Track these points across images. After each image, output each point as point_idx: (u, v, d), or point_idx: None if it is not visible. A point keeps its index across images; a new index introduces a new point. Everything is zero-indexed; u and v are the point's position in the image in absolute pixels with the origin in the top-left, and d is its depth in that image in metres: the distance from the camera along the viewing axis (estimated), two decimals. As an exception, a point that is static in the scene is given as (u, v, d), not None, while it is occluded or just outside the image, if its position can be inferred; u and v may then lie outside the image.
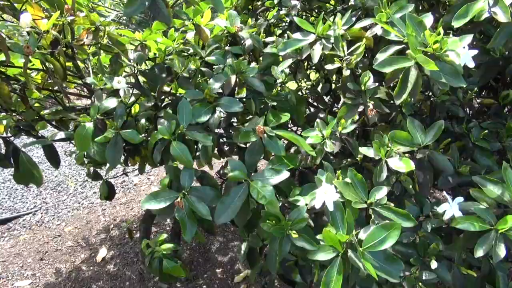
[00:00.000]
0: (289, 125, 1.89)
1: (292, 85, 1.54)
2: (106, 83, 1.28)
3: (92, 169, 1.82)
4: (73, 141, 1.39)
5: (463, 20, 1.01)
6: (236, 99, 1.20)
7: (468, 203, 1.01)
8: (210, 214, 1.03)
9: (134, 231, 2.34)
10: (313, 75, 2.00)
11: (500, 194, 0.97)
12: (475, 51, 0.97)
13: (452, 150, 1.17)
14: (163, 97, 1.55)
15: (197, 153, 1.47)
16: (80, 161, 1.73)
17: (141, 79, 1.43)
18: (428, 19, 1.04)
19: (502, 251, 0.89)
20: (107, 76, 1.31)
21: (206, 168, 1.72)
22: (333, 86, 1.68)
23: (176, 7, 1.91)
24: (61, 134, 1.58)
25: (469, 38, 0.93)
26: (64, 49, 1.36)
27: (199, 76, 1.42)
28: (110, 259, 2.18)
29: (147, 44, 1.42)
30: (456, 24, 1.01)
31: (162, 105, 1.44)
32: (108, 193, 1.87)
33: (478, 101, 1.56)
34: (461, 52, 0.92)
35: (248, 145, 1.15)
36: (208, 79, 1.31)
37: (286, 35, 1.57)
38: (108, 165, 1.63)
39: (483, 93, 1.77)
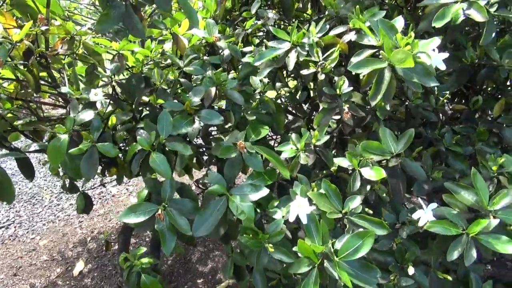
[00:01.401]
0: (269, 133, 1.91)
1: (271, 93, 1.56)
2: (82, 93, 1.26)
3: (67, 180, 1.77)
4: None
5: (443, 21, 1.05)
6: (216, 112, 1.20)
7: (441, 208, 1.03)
8: (190, 228, 1.03)
9: (112, 243, 2.28)
10: (292, 83, 2.03)
11: (471, 199, 1.00)
12: (446, 54, 1.01)
13: (425, 157, 1.20)
14: (141, 108, 1.54)
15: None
16: (54, 171, 1.68)
17: (119, 90, 1.42)
18: (399, 23, 1.07)
19: (473, 254, 0.91)
20: (83, 87, 1.28)
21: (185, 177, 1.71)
22: (311, 93, 1.70)
23: (154, 15, 1.91)
24: (35, 146, 1.54)
25: (437, 40, 0.96)
26: (38, 59, 1.33)
27: (178, 86, 1.42)
28: (87, 272, 2.13)
29: (124, 54, 1.41)
30: (437, 24, 1.05)
31: (141, 116, 1.42)
32: (85, 205, 1.82)
33: (451, 107, 1.61)
34: (432, 53, 0.95)
35: (227, 158, 1.15)
36: (186, 90, 1.31)
37: (263, 44, 1.59)
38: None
39: (455, 100, 1.83)
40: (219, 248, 2.28)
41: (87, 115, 1.20)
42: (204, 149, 1.81)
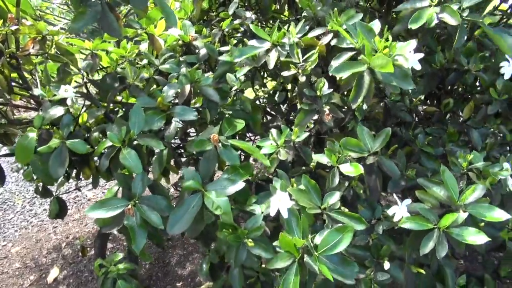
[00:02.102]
0: (247, 134, 1.91)
1: (249, 94, 1.56)
2: (55, 95, 1.23)
3: (40, 185, 1.72)
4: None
5: (419, 23, 1.07)
6: (190, 108, 1.19)
7: (414, 204, 1.06)
8: (162, 223, 1.00)
9: (88, 248, 2.23)
10: (270, 84, 2.04)
11: (442, 195, 1.03)
12: (421, 55, 1.03)
13: (399, 155, 1.23)
14: (117, 109, 1.51)
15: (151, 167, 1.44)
16: (28, 177, 1.63)
17: (93, 90, 1.39)
18: (376, 25, 1.09)
19: (444, 248, 0.94)
20: (53, 84, 1.25)
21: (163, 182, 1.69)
22: (289, 95, 1.71)
23: (130, 15, 1.88)
24: (6, 149, 1.49)
25: (414, 42, 0.98)
26: (8, 60, 1.29)
27: (153, 85, 1.40)
28: (62, 279, 2.07)
29: (98, 53, 1.38)
30: (413, 26, 1.07)
31: (118, 116, 1.40)
32: (59, 210, 1.77)
33: (423, 108, 1.66)
34: (409, 56, 0.97)
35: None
36: (162, 88, 1.30)
37: (241, 44, 1.59)
38: (59, 180, 1.55)
39: (427, 101, 1.88)
40: (199, 250, 2.26)
41: (57, 111, 1.17)
42: (182, 150, 1.80)
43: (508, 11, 1.57)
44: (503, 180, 1.14)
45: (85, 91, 1.34)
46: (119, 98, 1.46)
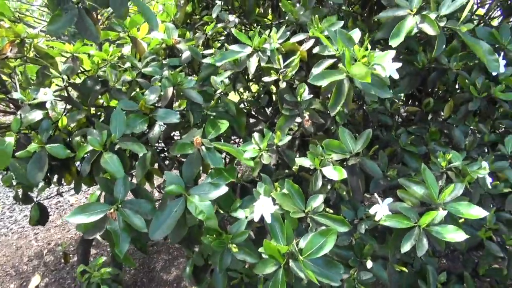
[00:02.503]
0: (232, 137, 1.91)
1: (234, 97, 1.56)
2: (35, 98, 1.20)
3: (20, 191, 1.68)
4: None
5: (398, 39, 1.10)
6: (173, 110, 1.18)
7: (396, 203, 1.08)
8: (146, 227, 0.99)
9: (71, 255, 2.18)
10: (255, 87, 2.05)
11: (422, 193, 1.05)
12: (399, 64, 1.06)
13: (381, 156, 1.25)
14: (100, 113, 1.49)
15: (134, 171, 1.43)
16: (7, 183, 1.59)
17: (75, 93, 1.36)
18: (356, 34, 1.11)
19: (424, 246, 0.96)
20: (32, 88, 1.23)
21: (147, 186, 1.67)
22: (274, 98, 1.72)
23: (112, 18, 1.86)
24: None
25: (392, 53, 1.00)
26: (-15, 62, 1.27)
27: (136, 88, 1.39)
28: (44, 287, 2.02)
29: (79, 56, 1.37)
30: (393, 43, 1.10)
31: (100, 120, 1.38)
32: (40, 216, 1.72)
33: (405, 109, 1.69)
34: (387, 65, 0.99)
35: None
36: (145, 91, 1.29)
37: (224, 48, 1.60)
38: (40, 185, 1.52)
39: (409, 102, 1.92)
40: (184, 255, 2.24)
41: (36, 115, 1.15)
42: (166, 154, 1.78)
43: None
44: (481, 179, 1.17)
45: (66, 94, 1.31)
46: (101, 101, 1.44)
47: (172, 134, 1.61)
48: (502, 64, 1.29)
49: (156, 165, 1.69)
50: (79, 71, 1.43)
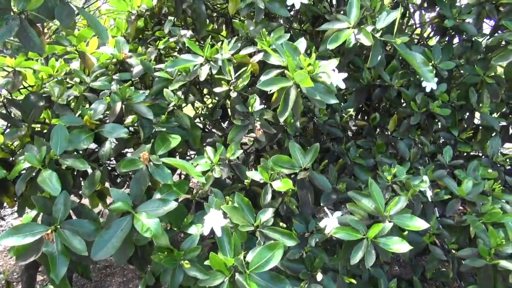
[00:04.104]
0: (189, 152, 1.88)
1: (189, 111, 1.54)
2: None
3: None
4: None
5: (336, 43, 1.16)
6: (121, 125, 1.15)
7: (345, 216, 1.11)
8: (86, 250, 0.94)
9: (14, 283, 2.03)
10: (210, 101, 2.05)
11: (370, 206, 1.09)
12: (345, 74, 1.10)
13: (330, 170, 1.29)
14: (45, 130, 1.42)
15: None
16: None
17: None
18: (302, 44, 1.15)
19: (372, 257, 0.99)
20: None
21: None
22: (229, 112, 1.73)
23: (60, 32, 1.80)
24: None
25: (335, 61, 1.05)
26: None
27: (86, 104, 1.35)
28: (-18, 318, 1.86)
29: (21, 71, 1.30)
30: (330, 46, 1.15)
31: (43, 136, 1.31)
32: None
33: (355, 123, 1.76)
34: (331, 73, 1.03)
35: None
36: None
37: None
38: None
39: (359, 116, 2.00)
40: (139, 276, 2.15)
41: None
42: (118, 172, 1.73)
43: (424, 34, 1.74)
44: (423, 191, 1.24)
45: (4, 111, 1.25)
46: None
47: (125, 151, 1.57)
48: (435, 81, 1.39)
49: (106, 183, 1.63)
50: (22, 86, 1.37)
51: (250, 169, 1.79)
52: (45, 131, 1.44)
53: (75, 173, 1.48)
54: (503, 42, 1.44)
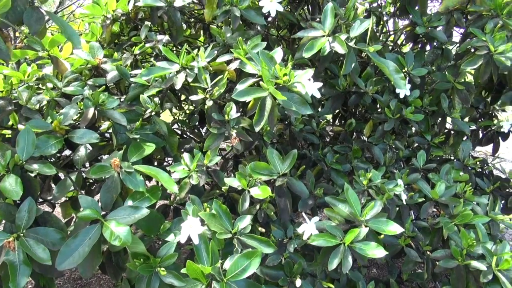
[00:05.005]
0: (167, 159, 1.86)
1: (167, 118, 1.52)
2: None
3: None
4: None
5: (311, 51, 1.16)
6: (92, 131, 1.11)
7: (322, 221, 1.12)
8: (50, 259, 0.90)
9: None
10: (188, 107, 2.03)
11: (347, 212, 1.11)
12: (320, 84, 1.11)
13: (308, 176, 1.30)
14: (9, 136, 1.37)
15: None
16: None
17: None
18: (278, 54, 1.15)
19: (349, 262, 1.00)
20: None
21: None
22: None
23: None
24: None
25: (311, 71, 1.06)
26: None
27: (60, 110, 1.31)
28: None
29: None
30: (306, 55, 1.16)
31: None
32: None
33: (332, 128, 1.79)
34: (306, 83, 1.04)
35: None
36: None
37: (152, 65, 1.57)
38: None
39: (336, 122, 2.03)
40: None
41: None
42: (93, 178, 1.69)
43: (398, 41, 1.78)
44: (398, 194, 1.27)
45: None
46: (21, 126, 1.33)
47: (102, 157, 1.53)
48: (407, 87, 1.42)
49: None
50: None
51: (228, 175, 1.79)
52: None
53: (50, 182, 1.44)
54: (472, 49, 1.50)
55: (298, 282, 1.08)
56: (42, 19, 1.09)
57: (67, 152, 1.40)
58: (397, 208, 1.29)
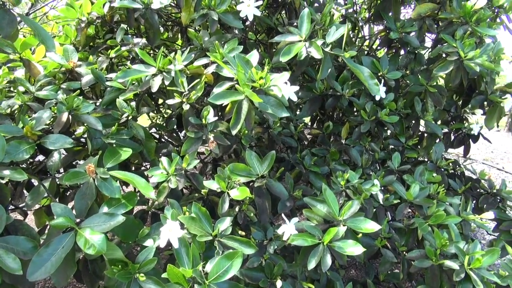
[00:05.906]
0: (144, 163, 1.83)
1: (145, 121, 1.50)
2: None
3: None
4: None
5: (288, 56, 1.18)
6: (65, 136, 1.09)
7: (301, 222, 1.13)
8: (20, 269, 0.86)
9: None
10: (166, 111, 2.01)
11: (325, 211, 1.12)
12: (296, 87, 1.13)
13: (287, 177, 1.31)
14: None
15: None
16: None
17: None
18: (254, 57, 1.15)
19: (328, 261, 1.01)
20: None
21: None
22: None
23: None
24: None
25: (287, 75, 1.07)
26: None
27: (32, 114, 1.27)
28: None
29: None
30: (283, 59, 1.17)
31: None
32: None
33: (310, 131, 1.81)
34: (282, 86, 1.05)
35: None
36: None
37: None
38: None
39: (314, 125, 2.06)
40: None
41: None
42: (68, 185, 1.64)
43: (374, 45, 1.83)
44: (375, 195, 1.30)
45: None
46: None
47: (77, 163, 1.49)
48: (383, 90, 1.46)
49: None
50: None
51: (207, 179, 1.78)
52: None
53: (23, 188, 1.39)
54: (444, 55, 1.56)
55: (279, 283, 1.08)
56: (15, 22, 1.06)
57: (41, 157, 1.36)
58: (374, 210, 1.32)
